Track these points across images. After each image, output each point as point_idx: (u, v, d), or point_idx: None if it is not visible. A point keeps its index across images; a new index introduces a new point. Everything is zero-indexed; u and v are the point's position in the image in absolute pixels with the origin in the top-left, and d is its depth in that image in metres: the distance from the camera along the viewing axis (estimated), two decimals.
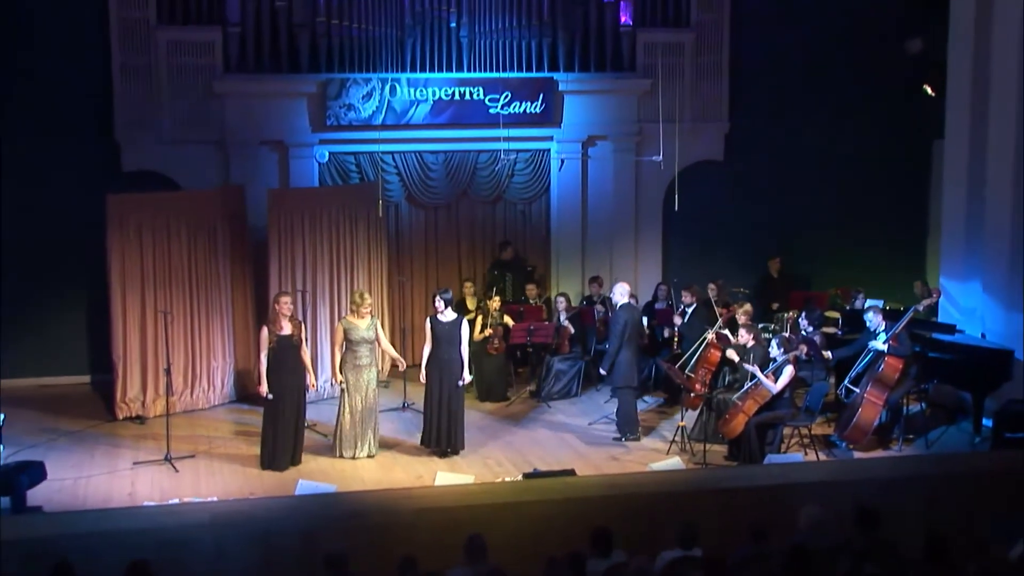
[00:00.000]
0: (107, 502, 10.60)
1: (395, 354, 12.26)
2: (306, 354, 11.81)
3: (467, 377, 12.11)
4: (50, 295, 14.34)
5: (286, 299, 11.63)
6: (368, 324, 11.77)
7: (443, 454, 11.88)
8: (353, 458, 11.73)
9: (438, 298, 11.89)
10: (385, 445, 12.14)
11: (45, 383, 14.31)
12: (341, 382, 11.75)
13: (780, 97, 16.15)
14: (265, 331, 11.48)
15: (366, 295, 11.97)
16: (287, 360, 11.49)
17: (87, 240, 13.78)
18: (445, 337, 11.83)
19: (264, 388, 11.44)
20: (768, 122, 16.11)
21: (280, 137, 14.80)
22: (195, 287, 13.57)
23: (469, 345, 12.15)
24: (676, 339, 13.64)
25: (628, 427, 12.54)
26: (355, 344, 11.71)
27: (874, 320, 12.29)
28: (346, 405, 11.74)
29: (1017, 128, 12.83)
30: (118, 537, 7.71)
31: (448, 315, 11.88)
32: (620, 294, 12.65)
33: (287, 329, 11.50)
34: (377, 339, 11.92)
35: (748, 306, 13.32)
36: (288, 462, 11.48)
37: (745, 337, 12.07)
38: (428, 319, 12.02)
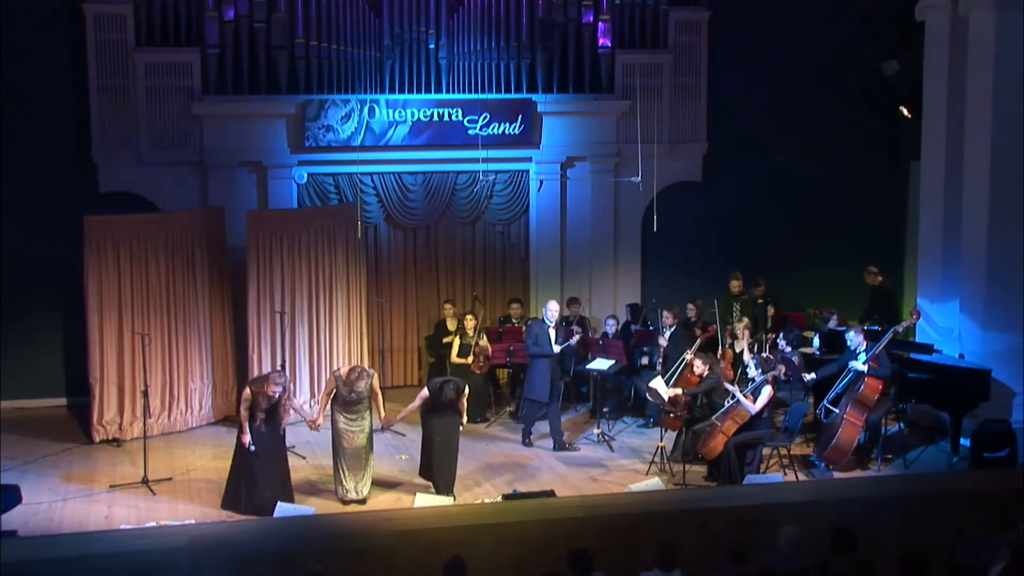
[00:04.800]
0: (83, 526, 10.54)
1: (383, 414, 11.54)
2: (296, 404, 11.46)
3: (464, 421, 11.67)
4: (26, 317, 14.23)
5: (275, 387, 10.88)
6: (364, 382, 11.18)
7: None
8: (361, 501, 11.18)
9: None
10: None
11: (21, 405, 14.18)
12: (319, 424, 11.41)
13: (758, 118, 16.21)
14: (248, 391, 10.95)
15: (364, 372, 11.24)
16: (268, 413, 10.95)
17: (64, 262, 13.73)
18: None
19: (247, 438, 10.87)
20: (746, 143, 16.18)
21: (259, 158, 14.75)
22: (173, 309, 13.49)
23: (449, 369, 11.97)
24: (661, 359, 13.64)
25: (558, 441, 12.81)
26: (344, 400, 11.19)
27: (855, 339, 12.28)
28: (340, 448, 11.18)
29: (992, 149, 12.93)
30: (94, 561, 7.65)
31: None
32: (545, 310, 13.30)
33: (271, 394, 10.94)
34: (373, 394, 11.30)
35: (714, 327, 13.41)
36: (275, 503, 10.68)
37: (700, 368, 12.13)
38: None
